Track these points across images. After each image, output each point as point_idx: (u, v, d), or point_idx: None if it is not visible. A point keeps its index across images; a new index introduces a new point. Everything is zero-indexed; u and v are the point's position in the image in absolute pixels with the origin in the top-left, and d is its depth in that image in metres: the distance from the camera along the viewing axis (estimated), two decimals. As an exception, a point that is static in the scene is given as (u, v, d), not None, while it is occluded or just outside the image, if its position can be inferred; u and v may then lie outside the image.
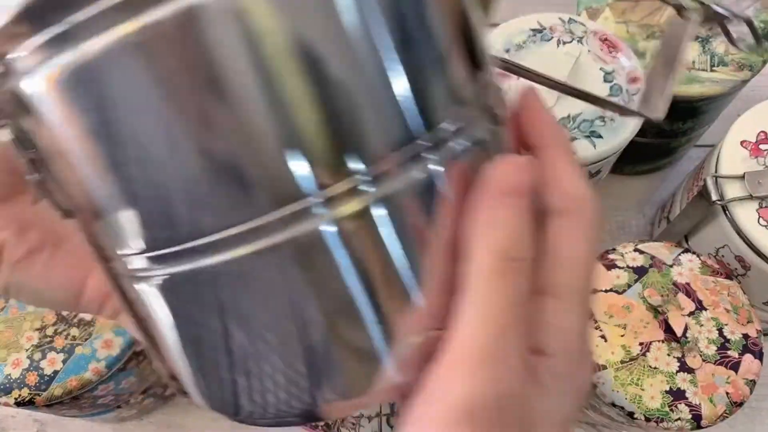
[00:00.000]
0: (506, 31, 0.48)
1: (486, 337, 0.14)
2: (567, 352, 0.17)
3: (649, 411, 0.41)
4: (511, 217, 0.15)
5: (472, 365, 0.14)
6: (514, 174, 0.15)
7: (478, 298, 0.15)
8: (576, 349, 0.17)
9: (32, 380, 0.42)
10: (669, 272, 0.45)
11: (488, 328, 0.14)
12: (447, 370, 0.15)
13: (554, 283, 0.17)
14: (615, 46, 0.47)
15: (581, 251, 0.17)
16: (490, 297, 0.15)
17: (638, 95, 0.45)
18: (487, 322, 0.14)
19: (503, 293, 0.15)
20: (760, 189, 0.44)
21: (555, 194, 0.17)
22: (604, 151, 0.44)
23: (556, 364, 0.17)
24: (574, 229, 0.17)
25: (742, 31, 0.51)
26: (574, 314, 0.17)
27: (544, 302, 0.17)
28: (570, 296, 0.17)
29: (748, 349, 0.42)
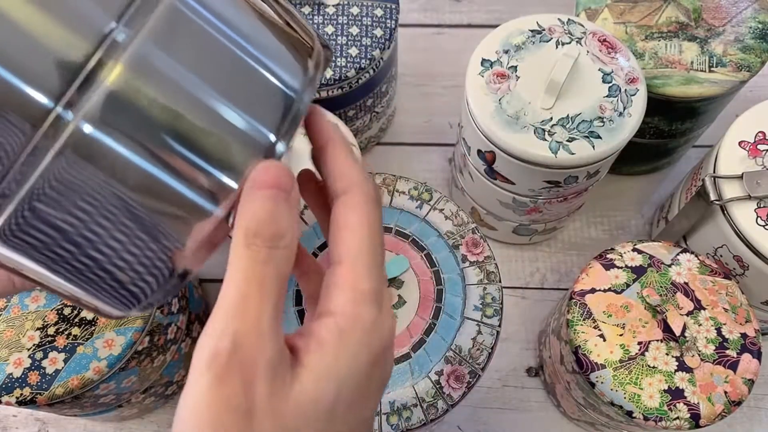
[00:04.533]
0: (505, 32, 0.48)
1: (230, 300, 0.18)
2: (350, 310, 0.20)
3: (647, 410, 0.41)
4: (259, 203, 0.18)
5: (216, 325, 0.18)
6: (263, 173, 0.19)
7: (230, 269, 0.18)
8: (361, 308, 0.20)
9: (34, 379, 0.42)
10: (667, 272, 0.45)
11: (232, 293, 0.18)
12: (206, 327, 0.18)
13: (339, 252, 0.20)
14: (614, 47, 0.47)
15: (358, 219, 0.20)
16: (236, 267, 0.18)
17: (637, 96, 0.46)
18: (231, 289, 0.18)
19: (247, 264, 0.18)
20: (758, 189, 0.44)
21: (336, 180, 0.21)
22: (602, 151, 0.44)
23: (339, 321, 0.20)
24: (351, 203, 0.21)
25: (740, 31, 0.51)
26: (355, 274, 0.20)
27: (335, 269, 0.20)
28: (352, 259, 0.20)
29: (747, 349, 0.42)
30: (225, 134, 0.19)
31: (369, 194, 0.21)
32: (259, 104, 0.19)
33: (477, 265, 0.43)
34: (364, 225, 0.20)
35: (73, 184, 0.17)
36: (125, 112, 0.17)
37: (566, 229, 0.62)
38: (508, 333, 0.58)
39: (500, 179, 0.49)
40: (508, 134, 0.45)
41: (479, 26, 0.73)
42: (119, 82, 0.16)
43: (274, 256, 0.18)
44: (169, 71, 0.17)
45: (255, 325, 0.18)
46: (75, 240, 0.18)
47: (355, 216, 0.21)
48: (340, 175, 0.21)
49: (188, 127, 0.18)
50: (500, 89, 0.46)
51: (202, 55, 0.18)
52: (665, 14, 0.52)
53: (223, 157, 0.18)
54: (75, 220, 0.18)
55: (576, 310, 0.44)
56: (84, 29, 0.16)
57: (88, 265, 0.19)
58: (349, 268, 0.20)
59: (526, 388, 0.56)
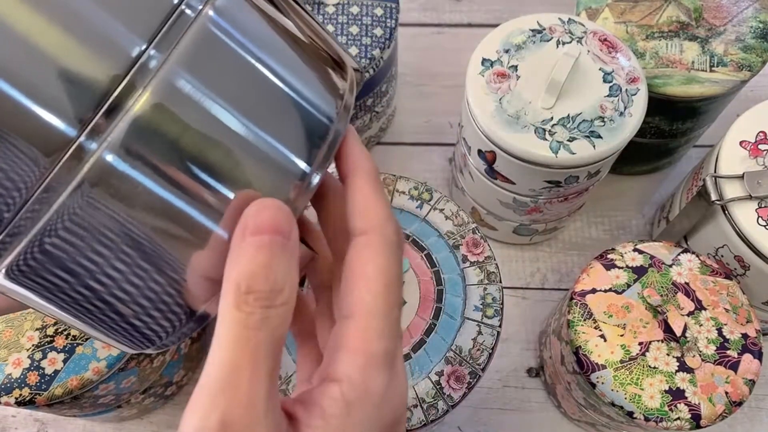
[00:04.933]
0: (505, 32, 0.48)
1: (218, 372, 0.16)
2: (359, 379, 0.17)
3: (648, 411, 0.41)
4: (251, 253, 0.16)
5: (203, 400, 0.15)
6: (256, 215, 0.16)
7: (218, 331, 0.16)
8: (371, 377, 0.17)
9: (33, 380, 0.42)
10: (668, 272, 0.45)
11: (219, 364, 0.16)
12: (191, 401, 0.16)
13: (351, 304, 0.18)
14: (614, 47, 0.47)
15: (376, 268, 0.18)
16: (225, 331, 0.16)
17: (638, 95, 0.46)
18: (219, 358, 0.16)
19: (238, 329, 0.16)
20: (759, 189, 0.44)
21: (356, 217, 0.19)
22: (603, 151, 0.44)
23: (346, 391, 0.17)
24: (369, 248, 0.18)
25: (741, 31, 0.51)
26: (368, 335, 0.18)
27: (343, 325, 0.18)
28: (365, 317, 0.18)
29: (748, 349, 0.42)
30: (257, 165, 0.17)
31: (390, 239, 0.19)
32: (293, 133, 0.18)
33: (477, 265, 0.42)
34: (382, 276, 0.18)
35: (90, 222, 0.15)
36: (153, 141, 0.15)
37: (567, 229, 0.62)
38: (509, 333, 0.57)
39: (501, 179, 0.49)
40: (508, 134, 0.44)
41: (479, 26, 0.73)
42: (148, 109, 0.15)
43: (270, 317, 0.16)
44: (201, 98, 0.16)
45: (247, 403, 0.15)
46: (88, 284, 0.17)
47: (372, 264, 0.18)
48: (363, 211, 0.19)
49: (219, 159, 0.16)
50: (501, 89, 0.46)
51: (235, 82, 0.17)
52: (666, 14, 0.52)
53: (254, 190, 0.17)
54: (89, 264, 0.16)
55: (576, 311, 0.44)
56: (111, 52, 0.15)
57: (100, 309, 0.17)
58: (360, 327, 0.18)
59: (527, 389, 0.55)
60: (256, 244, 0.16)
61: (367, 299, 0.18)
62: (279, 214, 0.16)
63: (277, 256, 0.16)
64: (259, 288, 0.16)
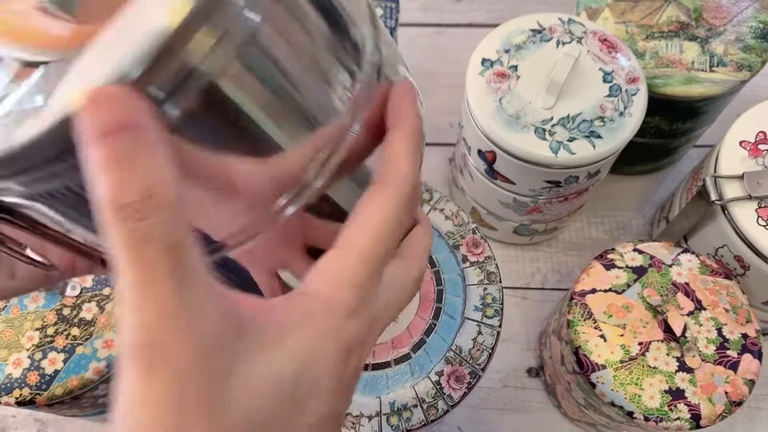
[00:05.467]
0: (506, 32, 0.48)
1: (125, 289, 0.15)
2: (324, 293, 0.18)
3: (648, 410, 0.41)
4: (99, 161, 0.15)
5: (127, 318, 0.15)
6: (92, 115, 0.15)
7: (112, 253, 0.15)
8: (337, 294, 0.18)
9: (33, 380, 0.42)
10: (668, 272, 0.45)
11: (123, 281, 0.15)
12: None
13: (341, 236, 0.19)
14: (614, 47, 0.47)
15: (382, 213, 0.19)
16: (116, 252, 0.15)
17: (638, 95, 0.46)
18: (121, 277, 0.15)
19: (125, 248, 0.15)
20: (759, 189, 0.44)
21: (383, 167, 0.20)
22: (603, 151, 0.44)
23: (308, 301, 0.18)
24: (384, 197, 0.19)
25: (741, 31, 0.51)
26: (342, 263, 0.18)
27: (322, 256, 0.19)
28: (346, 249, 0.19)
29: (747, 349, 0.42)
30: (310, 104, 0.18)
31: (404, 193, 0.19)
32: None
33: (477, 265, 0.42)
34: (383, 221, 0.19)
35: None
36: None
37: (567, 229, 0.62)
38: (509, 333, 0.57)
39: (501, 179, 0.49)
40: (508, 134, 0.44)
41: (480, 26, 0.73)
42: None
43: (150, 229, 0.15)
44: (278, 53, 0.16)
45: (162, 316, 0.15)
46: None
47: (375, 212, 0.19)
48: (390, 164, 0.19)
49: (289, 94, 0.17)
50: (501, 89, 0.46)
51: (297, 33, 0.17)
52: (666, 14, 0.52)
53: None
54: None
55: (576, 311, 0.44)
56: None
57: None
58: (340, 256, 0.18)
59: (527, 389, 0.55)
60: (103, 148, 0.14)
61: (356, 236, 0.19)
62: (118, 102, 0.14)
63: (129, 158, 0.15)
64: (124, 198, 0.15)
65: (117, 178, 0.15)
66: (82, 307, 0.44)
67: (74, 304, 0.44)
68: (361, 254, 0.18)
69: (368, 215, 0.19)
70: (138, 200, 0.15)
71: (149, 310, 0.15)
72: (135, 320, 0.15)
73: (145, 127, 0.15)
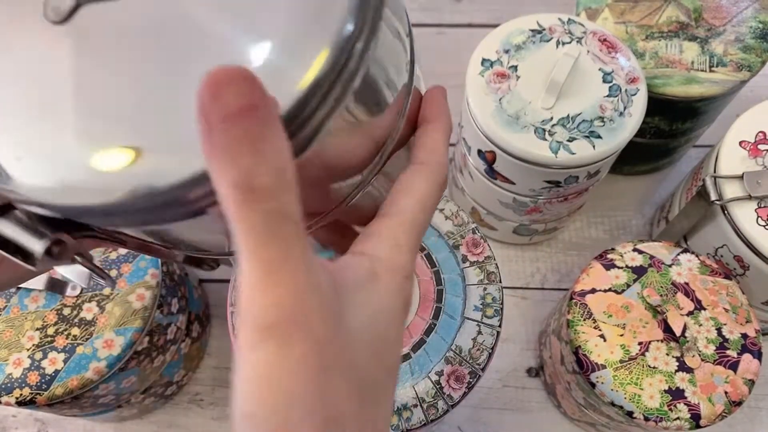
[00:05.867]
0: (506, 32, 0.48)
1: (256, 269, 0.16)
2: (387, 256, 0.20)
3: (648, 410, 0.41)
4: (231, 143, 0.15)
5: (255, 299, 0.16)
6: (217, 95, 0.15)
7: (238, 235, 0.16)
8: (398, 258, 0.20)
9: (33, 380, 0.42)
10: (668, 272, 0.45)
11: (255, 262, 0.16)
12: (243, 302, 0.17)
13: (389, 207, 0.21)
14: (614, 47, 0.47)
15: (420, 189, 0.21)
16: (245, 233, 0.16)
17: (637, 95, 0.46)
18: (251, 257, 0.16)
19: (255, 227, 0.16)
20: (758, 189, 0.44)
21: (422, 151, 0.22)
22: (603, 151, 0.44)
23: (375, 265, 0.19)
24: (425, 174, 0.21)
25: (741, 31, 0.51)
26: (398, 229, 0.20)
27: (375, 221, 0.21)
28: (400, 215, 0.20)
29: (747, 349, 0.42)
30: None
31: (440, 179, 0.22)
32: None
33: (477, 265, 0.42)
34: (425, 196, 0.21)
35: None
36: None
37: (567, 229, 0.62)
38: (509, 333, 0.57)
39: (500, 179, 0.49)
40: (508, 134, 0.44)
41: (480, 26, 0.73)
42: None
43: (287, 206, 0.15)
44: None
45: (296, 292, 0.16)
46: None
47: (419, 185, 0.21)
48: (429, 149, 0.22)
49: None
50: (500, 89, 0.46)
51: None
52: (666, 14, 0.52)
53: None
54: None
55: (576, 311, 0.44)
56: None
57: None
58: (395, 222, 0.20)
59: (527, 389, 0.55)
60: (234, 130, 0.14)
61: (406, 204, 0.21)
62: (242, 81, 0.14)
63: (261, 134, 0.14)
64: (257, 184, 0.15)
65: (250, 160, 0.14)
66: (82, 307, 0.44)
67: (74, 304, 0.44)
68: (413, 221, 0.20)
69: (415, 188, 0.21)
70: (273, 181, 0.15)
71: (284, 288, 0.16)
72: (266, 300, 0.15)
73: (269, 107, 0.15)
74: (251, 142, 0.14)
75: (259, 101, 0.14)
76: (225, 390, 0.55)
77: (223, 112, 0.14)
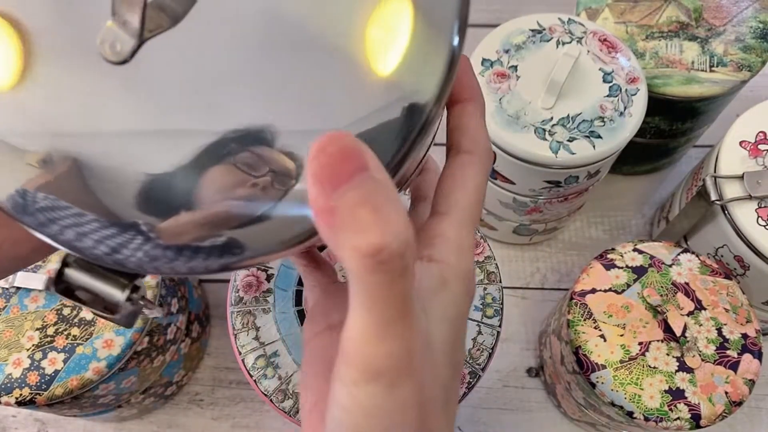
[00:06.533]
0: (506, 32, 0.48)
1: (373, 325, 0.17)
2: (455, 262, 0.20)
3: (648, 410, 0.41)
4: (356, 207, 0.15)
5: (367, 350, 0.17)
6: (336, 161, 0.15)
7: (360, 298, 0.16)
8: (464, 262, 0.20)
9: (33, 380, 0.42)
10: (668, 272, 0.45)
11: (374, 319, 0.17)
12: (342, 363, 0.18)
13: (448, 204, 0.21)
14: (614, 47, 0.47)
15: (475, 181, 0.21)
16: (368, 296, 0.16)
17: (637, 95, 0.46)
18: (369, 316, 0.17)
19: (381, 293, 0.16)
20: (758, 189, 0.44)
21: (464, 137, 0.21)
22: (603, 151, 0.44)
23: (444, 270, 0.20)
24: (476, 165, 0.21)
25: (741, 31, 0.51)
26: (461, 230, 0.21)
27: (437, 220, 0.21)
28: (460, 215, 0.21)
29: (747, 349, 0.42)
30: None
31: (488, 167, 0.21)
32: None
33: (477, 265, 0.42)
34: (478, 188, 0.21)
35: None
36: None
37: (567, 229, 0.62)
38: (509, 333, 0.57)
39: (501, 179, 0.49)
40: (508, 134, 0.44)
41: (480, 26, 0.73)
42: None
43: (407, 269, 0.15)
44: None
45: (407, 344, 0.17)
46: None
47: (472, 177, 0.21)
48: (472, 135, 0.21)
49: None
50: (501, 89, 0.46)
51: None
52: (666, 14, 0.52)
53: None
54: None
55: (576, 311, 0.44)
56: None
57: None
58: (456, 222, 0.20)
59: (527, 389, 0.55)
60: (351, 201, 0.14)
61: (465, 201, 0.21)
62: (353, 144, 0.14)
63: (381, 195, 0.14)
64: (388, 253, 0.14)
65: (380, 228, 0.14)
66: (82, 307, 0.44)
67: (74, 304, 0.44)
68: (472, 219, 0.21)
69: (468, 181, 0.21)
70: (402, 245, 0.15)
71: (398, 342, 0.16)
72: (380, 350, 0.16)
73: (379, 167, 0.15)
74: (375, 208, 0.14)
75: (369, 162, 0.15)
76: (224, 390, 0.55)
77: (337, 179, 0.14)
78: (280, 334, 0.39)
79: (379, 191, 0.15)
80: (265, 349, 0.38)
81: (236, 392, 0.55)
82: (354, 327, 0.16)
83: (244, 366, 0.38)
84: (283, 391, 0.38)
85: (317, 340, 0.25)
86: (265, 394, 0.37)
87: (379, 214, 0.14)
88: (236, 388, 0.55)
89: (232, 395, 0.55)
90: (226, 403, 0.55)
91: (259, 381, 0.37)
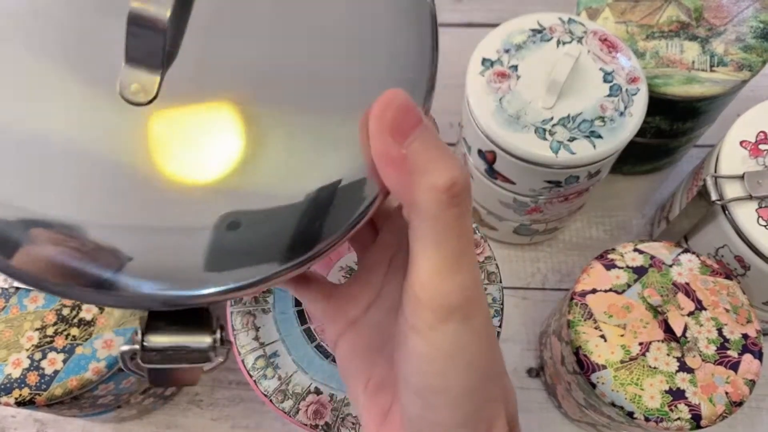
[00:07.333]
0: (506, 31, 0.48)
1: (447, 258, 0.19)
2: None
3: (648, 411, 0.41)
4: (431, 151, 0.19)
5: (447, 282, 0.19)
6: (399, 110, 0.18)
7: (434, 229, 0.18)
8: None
9: (33, 380, 0.42)
10: (668, 272, 0.45)
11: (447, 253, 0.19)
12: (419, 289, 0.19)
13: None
14: (614, 46, 0.47)
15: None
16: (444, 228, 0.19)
17: (638, 95, 0.45)
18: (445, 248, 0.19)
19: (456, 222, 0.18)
20: (759, 189, 0.44)
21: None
22: (603, 151, 0.44)
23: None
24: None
25: (742, 31, 0.51)
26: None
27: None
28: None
29: (748, 349, 0.42)
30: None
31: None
32: None
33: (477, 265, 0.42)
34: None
35: None
36: None
37: (567, 229, 0.62)
38: (509, 334, 0.57)
39: (501, 179, 0.49)
40: (508, 134, 0.44)
41: (480, 25, 0.73)
42: None
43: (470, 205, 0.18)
44: None
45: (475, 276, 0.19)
46: None
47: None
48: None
49: None
50: (501, 89, 0.46)
51: None
52: (666, 13, 0.52)
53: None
54: None
55: (577, 311, 0.44)
56: None
57: None
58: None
59: (527, 389, 0.55)
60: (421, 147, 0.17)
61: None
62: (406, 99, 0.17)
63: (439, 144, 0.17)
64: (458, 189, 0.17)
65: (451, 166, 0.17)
66: (81, 307, 0.44)
67: (74, 304, 0.44)
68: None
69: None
70: (468, 184, 0.18)
71: (467, 274, 0.18)
72: (453, 284, 0.18)
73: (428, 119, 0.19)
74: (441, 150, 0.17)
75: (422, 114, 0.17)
76: (224, 391, 0.55)
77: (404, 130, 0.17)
78: (280, 334, 0.39)
79: (437, 137, 0.17)
80: (264, 350, 0.38)
81: (236, 393, 0.55)
82: (424, 269, 0.18)
83: (243, 366, 0.38)
84: (282, 391, 0.38)
85: (345, 339, 0.24)
86: (265, 395, 0.37)
87: (445, 154, 0.17)
88: (236, 388, 0.55)
89: (231, 396, 0.55)
90: (226, 404, 0.55)
91: (259, 381, 0.37)
